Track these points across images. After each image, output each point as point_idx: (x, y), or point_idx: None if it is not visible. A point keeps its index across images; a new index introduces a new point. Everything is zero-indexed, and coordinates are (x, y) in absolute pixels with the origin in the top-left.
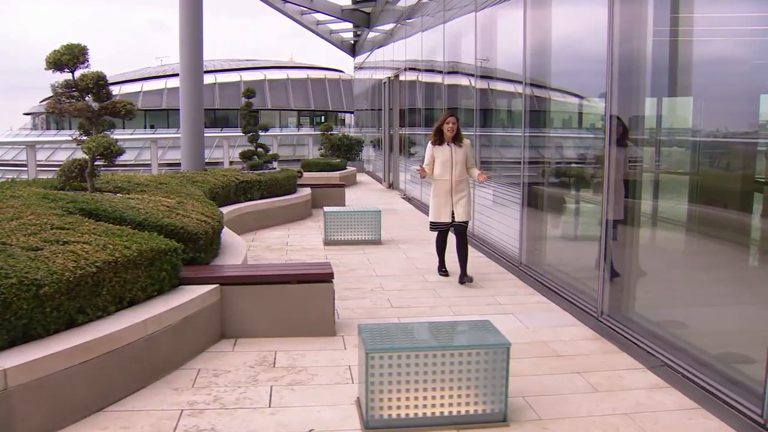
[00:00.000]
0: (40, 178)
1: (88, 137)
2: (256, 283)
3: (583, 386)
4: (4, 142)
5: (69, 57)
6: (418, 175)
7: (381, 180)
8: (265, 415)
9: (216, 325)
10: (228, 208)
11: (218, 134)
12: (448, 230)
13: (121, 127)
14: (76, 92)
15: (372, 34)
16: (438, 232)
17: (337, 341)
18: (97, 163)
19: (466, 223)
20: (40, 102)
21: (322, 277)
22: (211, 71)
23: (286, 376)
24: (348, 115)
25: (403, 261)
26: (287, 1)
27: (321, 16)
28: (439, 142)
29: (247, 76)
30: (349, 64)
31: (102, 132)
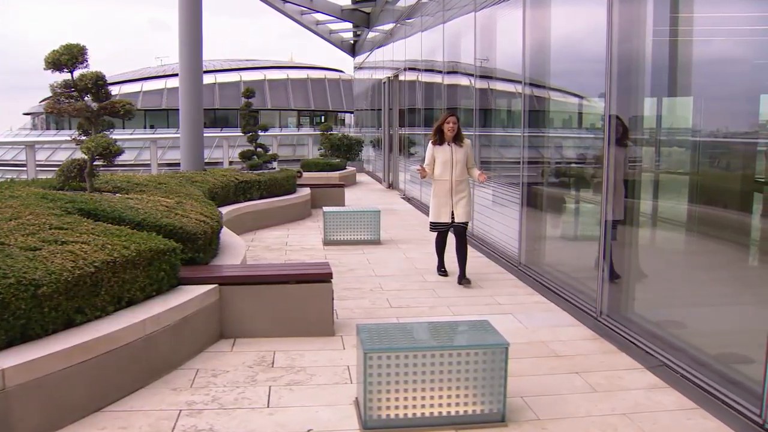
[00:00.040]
0: (40, 178)
1: (87, 137)
2: (254, 283)
3: (581, 386)
4: (4, 142)
5: (68, 57)
6: (419, 175)
7: (381, 180)
8: (264, 415)
9: (215, 325)
10: (227, 208)
11: (218, 134)
12: (448, 231)
13: (121, 127)
14: (75, 92)
15: (372, 34)
16: (438, 233)
17: (335, 341)
18: (96, 163)
19: (466, 224)
20: (40, 102)
21: (321, 277)
22: (211, 71)
23: (285, 376)
24: (348, 115)
25: (403, 261)
26: (287, 1)
27: (321, 16)
28: (440, 142)
29: (247, 76)
30: (349, 64)
31: (101, 132)
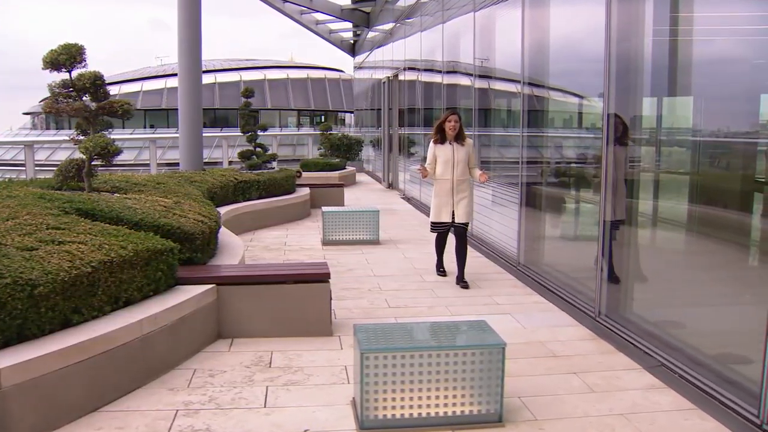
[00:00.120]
0: (39, 177)
1: (86, 137)
2: (252, 283)
3: (579, 386)
4: (3, 142)
5: (66, 57)
6: (419, 175)
7: (380, 180)
8: (260, 416)
9: (212, 325)
10: (226, 208)
11: (218, 134)
12: (448, 232)
13: (121, 127)
14: (73, 92)
15: (371, 33)
16: (438, 234)
17: (333, 341)
18: (94, 163)
19: (467, 225)
20: (40, 102)
21: (319, 277)
22: (210, 71)
23: (282, 376)
24: (348, 114)
25: (402, 261)
26: (287, 1)
27: (321, 16)
28: (441, 141)
29: (246, 76)
30: (348, 64)
31: (99, 132)
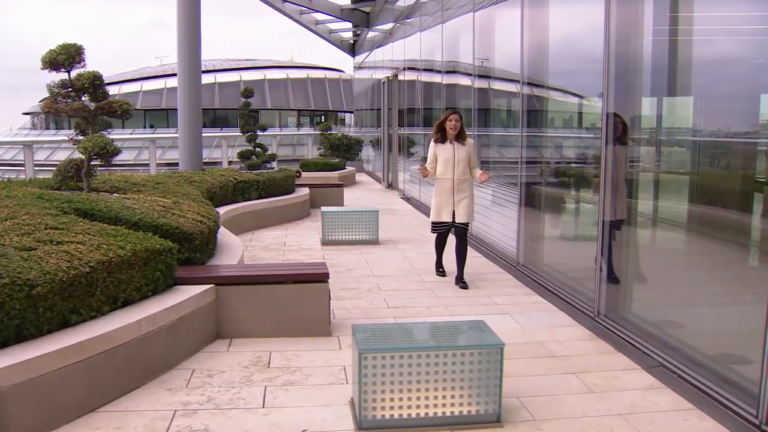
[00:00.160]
0: (38, 177)
1: (85, 137)
2: (251, 283)
3: (578, 387)
4: (2, 142)
5: (65, 57)
6: (420, 175)
7: (380, 180)
8: (259, 416)
9: (211, 326)
10: (225, 208)
11: (217, 134)
12: (449, 232)
13: (121, 127)
14: (72, 92)
15: (371, 33)
16: (438, 234)
17: (332, 341)
18: (93, 163)
19: (467, 225)
20: (40, 102)
21: (318, 277)
22: (210, 71)
23: (281, 376)
24: (348, 114)
25: (401, 261)
26: (286, 1)
27: (320, 16)
28: (442, 140)
29: (246, 76)
30: (348, 64)
31: (98, 132)
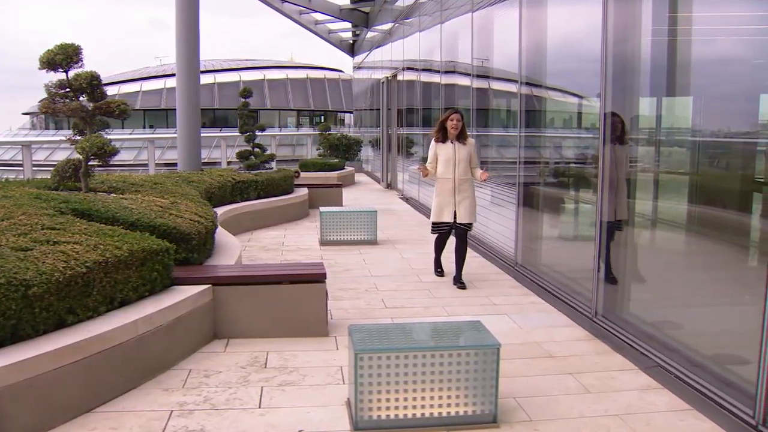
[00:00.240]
0: (37, 178)
1: (83, 137)
2: (248, 283)
3: (575, 387)
4: (1, 142)
5: (63, 57)
6: (419, 175)
7: (379, 180)
8: (255, 416)
9: (208, 326)
10: (224, 209)
11: (217, 134)
12: (449, 233)
13: (120, 127)
14: (70, 92)
15: (370, 33)
16: (438, 235)
17: (329, 342)
18: (91, 163)
19: (467, 226)
20: (39, 102)
21: (315, 277)
22: (210, 71)
23: (278, 376)
24: (348, 115)
25: (399, 261)
26: (285, 1)
27: (320, 16)
28: (443, 140)
29: (246, 76)
30: (348, 64)
31: (96, 132)
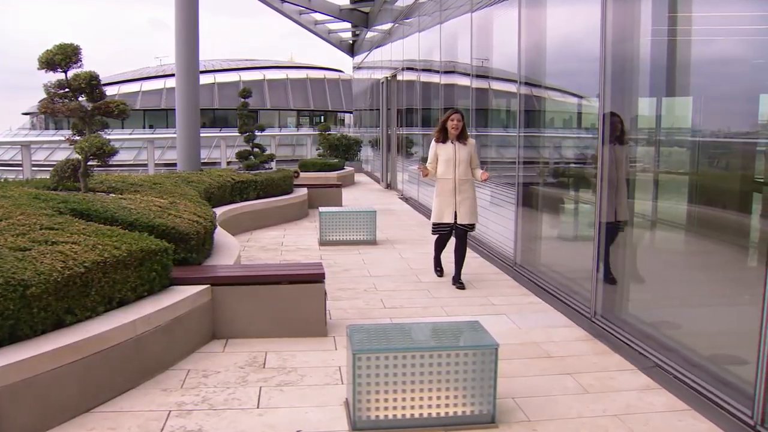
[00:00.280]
0: (37, 178)
1: (82, 137)
2: (247, 283)
3: (573, 387)
4: (1, 142)
5: (62, 57)
6: (420, 174)
7: (379, 180)
8: (253, 416)
9: (207, 326)
10: (223, 209)
11: (216, 134)
12: (450, 234)
13: (120, 127)
14: (69, 92)
15: (370, 33)
16: (439, 236)
17: (328, 342)
18: (90, 163)
19: (468, 227)
20: (39, 102)
21: (314, 277)
22: (210, 71)
23: (276, 376)
24: (347, 115)
25: (398, 261)
26: (285, 1)
27: (319, 16)
28: (443, 140)
29: (246, 76)
30: (348, 64)
31: (95, 132)
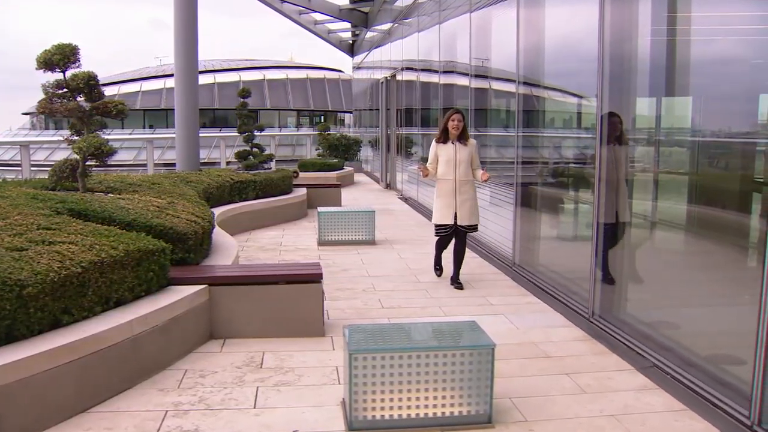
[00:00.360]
0: (36, 178)
1: (80, 137)
2: (245, 283)
3: (571, 387)
4: (0, 142)
5: (60, 57)
6: (420, 175)
7: (378, 180)
8: (250, 416)
9: (204, 326)
10: (222, 209)
11: (216, 134)
12: (452, 235)
13: (120, 127)
14: (67, 92)
15: (370, 33)
16: (440, 237)
17: (325, 342)
18: (88, 163)
19: (470, 228)
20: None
21: (311, 277)
22: (210, 71)
23: (273, 376)
24: (347, 115)
25: (397, 261)
26: (285, 1)
27: (319, 16)
28: (444, 140)
29: (246, 76)
30: (347, 64)
31: (94, 132)
